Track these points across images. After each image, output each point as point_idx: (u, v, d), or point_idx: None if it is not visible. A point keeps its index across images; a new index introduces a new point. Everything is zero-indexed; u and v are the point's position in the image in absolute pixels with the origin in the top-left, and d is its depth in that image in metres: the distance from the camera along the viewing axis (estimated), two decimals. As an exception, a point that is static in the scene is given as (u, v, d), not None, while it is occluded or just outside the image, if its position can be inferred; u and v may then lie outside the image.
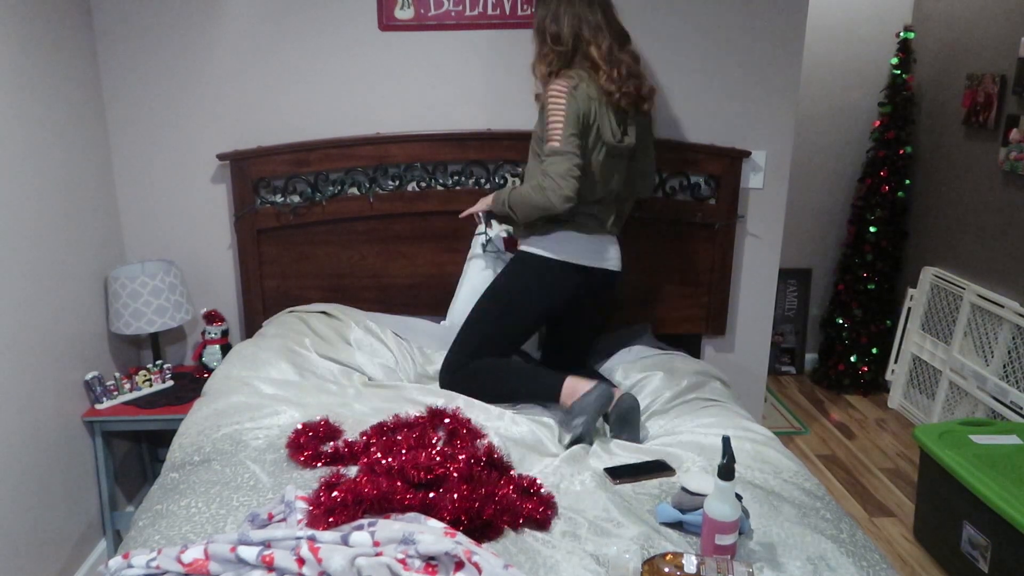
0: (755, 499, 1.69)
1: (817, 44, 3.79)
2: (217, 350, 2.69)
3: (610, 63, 2.11)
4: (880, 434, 3.55)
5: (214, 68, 2.60)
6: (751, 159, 2.71)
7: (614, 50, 2.13)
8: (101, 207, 2.59)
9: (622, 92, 2.11)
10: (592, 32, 2.12)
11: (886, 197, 3.77)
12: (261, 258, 2.67)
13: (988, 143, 3.30)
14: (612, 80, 2.10)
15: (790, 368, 4.22)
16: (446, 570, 1.35)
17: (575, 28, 2.12)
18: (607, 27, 2.14)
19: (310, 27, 2.58)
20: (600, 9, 2.14)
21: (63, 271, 2.34)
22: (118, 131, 2.64)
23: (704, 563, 1.38)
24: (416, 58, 2.62)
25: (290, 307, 2.65)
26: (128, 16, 2.54)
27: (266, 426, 2.02)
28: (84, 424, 2.46)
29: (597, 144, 2.12)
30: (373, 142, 2.60)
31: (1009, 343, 3.10)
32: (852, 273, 3.90)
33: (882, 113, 3.79)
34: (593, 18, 2.12)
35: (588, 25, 2.12)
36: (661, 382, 2.33)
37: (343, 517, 1.50)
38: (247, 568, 1.37)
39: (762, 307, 2.90)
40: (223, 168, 2.67)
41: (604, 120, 2.12)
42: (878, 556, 1.55)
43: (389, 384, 2.28)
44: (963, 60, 3.46)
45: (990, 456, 2.47)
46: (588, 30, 2.12)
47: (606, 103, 2.12)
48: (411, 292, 2.73)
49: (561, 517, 1.62)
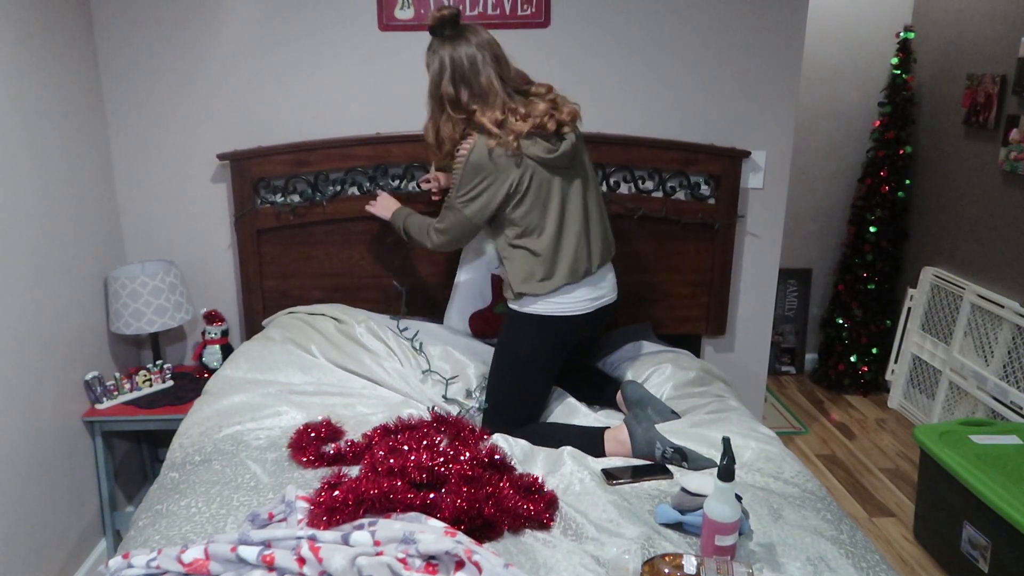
0: (756, 500, 1.69)
1: (817, 44, 3.79)
2: (217, 350, 2.69)
3: (501, 122, 1.99)
4: (880, 434, 3.55)
5: (214, 68, 2.60)
6: (751, 159, 2.71)
7: (507, 106, 2.01)
8: (101, 207, 2.59)
9: (523, 134, 2.00)
10: (481, 99, 2.01)
11: (886, 197, 3.77)
12: (261, 258, 2.67)
13: (988, 143, 3.30)
14: (501, 137, 1.98)
15: (790, 368, 4.22)
16: (446, 569, 1.36)
17: (467, 96, 2.01)
18: (500, 87, 2.01)
19: (310, 27, 2.58)
20: (492, 68, 2.01)
21: (63, 271, 2.34)
22: (118, 131, 2.64)
23: (704, 564, 1.38)
24: (416, 58, 2.61)
25: (290, 307, 2.65)
26: (128, 16, 2.54)
27: (267, 426, 2.02)
28: (84, 424, 2.46)
29: (526, 176, 2.02)
30: (373, 142, 2.60)
31: (1009, 343, 3.10)
32: (852, 273, 3.90)
33: (882, 113, 3.79)
34: (484, 81, 2.00)
35: (479, 90, 2.00)
36: (671, 372, 2.38)
37: (344, 517, 1.50)
38: (248, 568, 1.37)
39: (762, 307, 2.90)
40: (223, 168, 2.67)
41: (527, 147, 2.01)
42: (878, 557, 1.55)
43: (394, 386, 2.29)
44: (963, 60, 3.46)
45: (990, 456, 2.47)
46: (478, 96, 2.01)
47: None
48: (411, 292, 2.73)
49: (562, 517, 1.62)
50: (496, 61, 2.03)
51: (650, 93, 2.67)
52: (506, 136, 1.98)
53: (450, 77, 2.02)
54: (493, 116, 2.00)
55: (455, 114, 2.04)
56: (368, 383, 2.31)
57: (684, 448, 1.90)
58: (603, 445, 2.00)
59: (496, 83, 2.01)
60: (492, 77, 2.01)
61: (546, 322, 2.12)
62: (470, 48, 2.00)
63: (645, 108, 2.68)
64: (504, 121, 2.00)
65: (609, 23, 2.61)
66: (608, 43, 2.63)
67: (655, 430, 1.95)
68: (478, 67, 2.00)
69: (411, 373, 2.34)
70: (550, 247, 2.07)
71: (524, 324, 2.14)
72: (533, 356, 2.15)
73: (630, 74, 2.66)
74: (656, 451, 1.91)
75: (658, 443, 1.92)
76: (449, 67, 2.01)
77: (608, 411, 2.30)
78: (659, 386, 2.35)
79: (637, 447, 1.95)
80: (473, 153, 2.01)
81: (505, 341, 2.20)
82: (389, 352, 2.40)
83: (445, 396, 2.28)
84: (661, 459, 1.90)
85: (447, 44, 2.02)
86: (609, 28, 2.61)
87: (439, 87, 2.04)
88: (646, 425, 1.97)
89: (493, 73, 2.01)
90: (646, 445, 1.94)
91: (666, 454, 1.90)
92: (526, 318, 2.13)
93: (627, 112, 2.68)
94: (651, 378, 2.39)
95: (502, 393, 2.19)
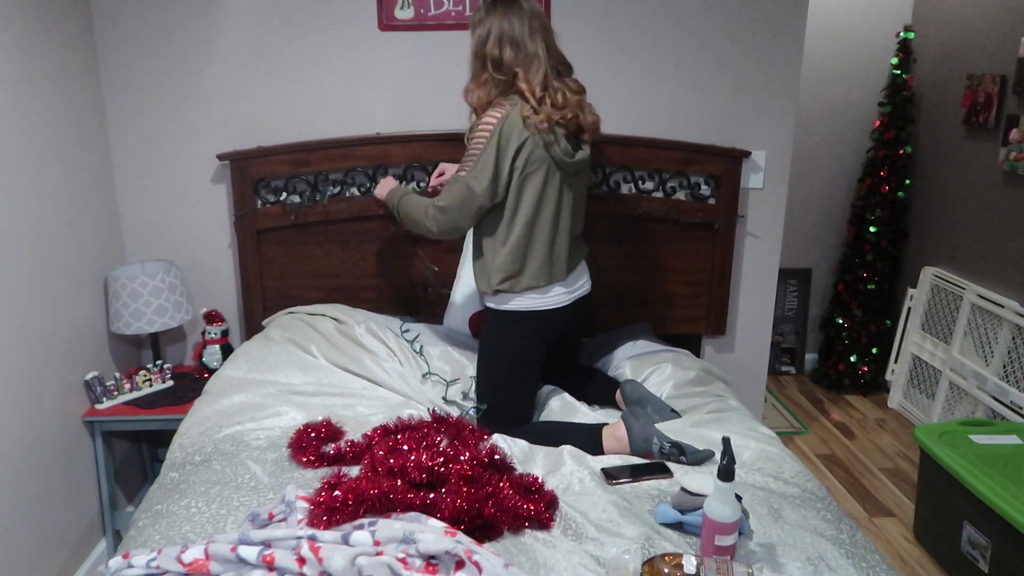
0: (756, 500, 1.69)
1: (817, 44, 3.79)
2: (217, 350, 2.69)
3: (540, 98, 2.00)
4: (880, 434, 3.55)
5: (214, 68, 2.60)
6: (751, 159, 2.71)
7: (549, 81, 2.02)
8: (101, 207, 2.59)
9: (552, 121, 2.01)
10: (525, 63, 2.01)
11: (886, 197, 3.77)
12: (261, 258, 2.67)
13: (988, 143, 3.30)
14: (537, 112, 1.99)
15: (790, 368, 4.22)
16: (447, 569, 1.36)
17: (512, 57, 2.01)
18: (545, 56, 2.02)
19: (310, 27, 2.58)
20: (540, 37, 2.02)
21: (63, 271, 2.34)
22: (118, 131, 2.64)
23: (704, 563, 1.38)
24: (416, 58, 2.62)
25: (289, 308, 2.65)
26: (128, 16, 2.54)
27: (267, 426, 2.02)
28: (84, 424, 2.46)
29: (542, 167, 2.03)
30: (373, 142, 2.60)
31: (1009, 343, 3.10)
32: (852, 273, 3.90)
33: (882, 113, 3.79)
34: (532, 47, 2.00)
35: (524, 54, 2.00)
36: (671, 372, 2.39)
37: (344, 516, 1.50)
38: (248, 568, 1.37)
39: (762, 307, 2.90)
40: (223, 168, 2.67)
41: (552, 141, 2.02)
42: (878, 557, 1.55)
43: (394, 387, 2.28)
44: (963, 60, 3.46)
45: (990, 456, 2.47)
46: (523, 60, 2.01)
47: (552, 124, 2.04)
48: (411, 293, 2.73)
49: (562, 517, 1.62)
50: (544, 31, 2.04)
51: (650, 93, 2.67)
52: (542, 112, 1.99)
53: (496, 38, 2.01)
54: (532, 88, 2.00)
55: (496, 75, 2.03)
56: (368, 384, 2.31)
57: (681, 443, 1.90)
58: (602, 443, 2.01)
59: (542, 53, 2.02)
60: (539, 46, 2.02)
61: (526, 317, 2.13)
62: (522, 15, 2.01)
63: (645, 108, 2.68)
64: (543, 99, 2.01)
65: (609, 23, 2.61)
66: (608, 43, 2.63)
67: (652, 426, 1.96)
68: (527, 33, 2.00)
69: (411, 374, 2.35)
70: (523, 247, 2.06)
71: (504, 321, 2.15)
72: (515, 352, 2.16)
73: (630, 74, 2.66)
74: (653, 447, 1.91)
75: (655, 439, 1.92)
76: (497, 29, 2.01)
77: (608, 410, 2.30)
78: (659, 385, 2.36)
79: (635, 443, 1.95)
80: (508, 119, 1.99)
81: (487, 341, 2.21)
82: (389, 353, 2.40)
83: (445, 398, 2.28)
84: (659, 454, 1.91)
85: (499, 8, 2.02)
86: (609, 28, 2.61)
87: (484, 45, 2.03)
88: (643, 422, 1.97)
89: (541, 42, 2.02)
90: (643, 442, 1.94)
91: (663, 449, 1.90)
92: (505, 315, 2.14)
93: (627, 112, 2.68)
94: (651, 377, 2.39)
95: (491, 393, 2.20)
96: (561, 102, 2.02)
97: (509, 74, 2.02)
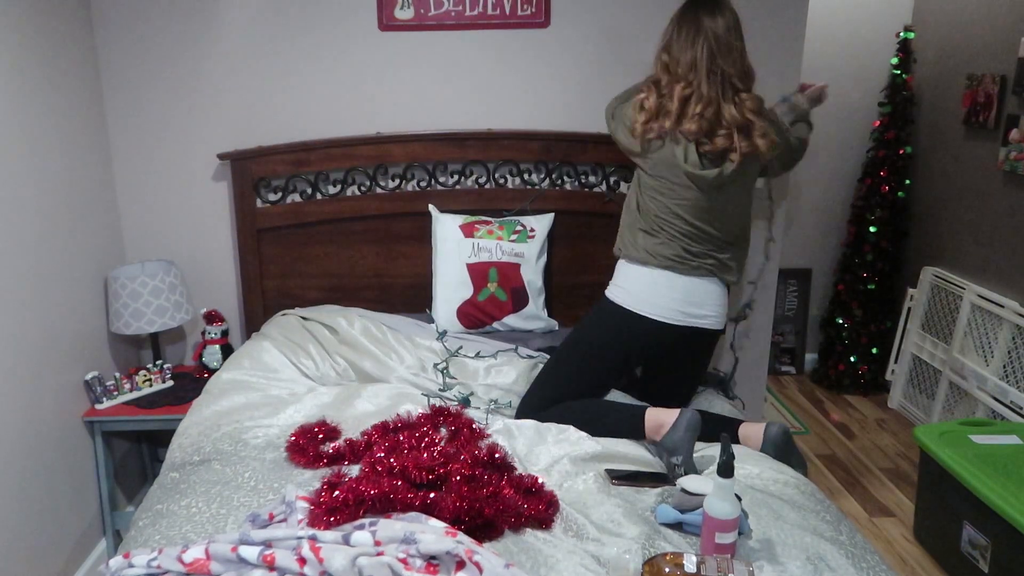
0: (756, 500, 1.69)
1: (817, 44, 3.79)
2: (217, 350, 2.69)
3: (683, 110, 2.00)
4: (880, 434, 3.55)
5: (214, 68, 2.60)
6: (751, 159, 2.71)
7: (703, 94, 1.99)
8: (101, 207, 2.59)
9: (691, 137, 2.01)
10: (685, 70, 2.01)
11: (886, 197, 3.77)
12: (261, 258, 2.67)
13: (988, 143, 3.30)
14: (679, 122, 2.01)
15: (790, 368, 4.22)
16: (447, 569, 1.35)
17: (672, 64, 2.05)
18: (706, 69, 1.99)
19: (310, 27, 2.58)
20: (705, 49, 1.99)
21: (63, 271, 2.34)
22: (118, 131, 2.64)
23: (704, 562, 1.38)
24: (416, 58, 2.62)
25: (287, 309, 2.63)
26: (128, 15, 2.54)
27: (266, 425, 2.02)
28: (84, 424, 2.46)
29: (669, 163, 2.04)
30: (373, 142, 2.60)
31: (1009, 343, 3.10)
32: (852, 273, 3.90)
33: (882, 113, 3.79)
34: (691, 54, 2.01)
35: (681, 62, 2.02)
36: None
37: (344, 517, 1.50)
38: (248, 568, 1.37)
39: (762, 307, 2.90)
40: (223, 168, 2.67)
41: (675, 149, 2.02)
42: (877, 558, 1.55)
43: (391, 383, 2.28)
44: (963, 60, 3.46)
45: (990, 456, 2.47)
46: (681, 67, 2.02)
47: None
48: (411, 292, 2.73)
49: (562, 516, 1.62)
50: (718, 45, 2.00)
51: (650, 93, 2.67)
52: (660, 120, 2.04)
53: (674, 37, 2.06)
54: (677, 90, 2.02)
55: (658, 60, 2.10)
56: (367, 382, 2.30)
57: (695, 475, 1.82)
58: (643, 424, 1.97)
59: (704, 64, 2.00)
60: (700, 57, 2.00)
61: (623, 318, 2.10)
62: (716, 25, 2.00)
63: (645, 108, 2.68)
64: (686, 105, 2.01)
65: (609, 23, 2.61)
66: (608, 43, 2.63)
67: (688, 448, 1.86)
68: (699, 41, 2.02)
69: (408, 370, 2.34)
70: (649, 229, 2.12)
71: (603, 314, 2.16)
72: (597, 349, 2.14)
73: (630, 74, 2.65)
74: (674, 458, 1.86)
75: (681, 456, 1.85)
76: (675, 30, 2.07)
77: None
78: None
79: (671, 437, 1.88)
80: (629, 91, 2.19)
81: (581, 322, 2.24)
82: (388, 351, 2.40)
83: (442, 388, 2.25)
84: (669, 465, 1.86)
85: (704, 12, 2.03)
86: (609, 28, 2.61)
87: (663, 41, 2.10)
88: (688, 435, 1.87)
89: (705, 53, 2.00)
90: (676, 445, 1.86)
91: (677, 469, 1.84)
92: (611, 309, 2.14)
93: (627, 112, 2.68)
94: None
95: (555, 368, 2.19)
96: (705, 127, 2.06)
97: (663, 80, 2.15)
